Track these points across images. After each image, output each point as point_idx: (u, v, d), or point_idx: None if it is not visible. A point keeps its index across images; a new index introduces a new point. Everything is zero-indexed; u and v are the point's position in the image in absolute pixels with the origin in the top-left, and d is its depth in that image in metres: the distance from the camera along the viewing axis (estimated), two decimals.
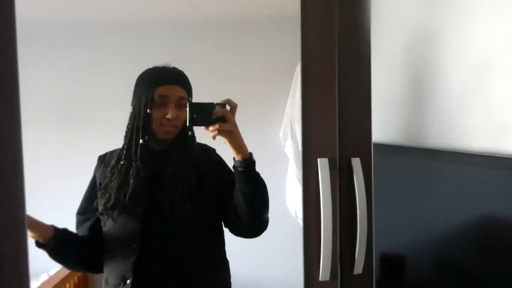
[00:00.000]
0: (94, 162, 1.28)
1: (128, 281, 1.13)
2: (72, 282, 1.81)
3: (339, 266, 0.86)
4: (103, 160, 1.24)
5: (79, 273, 1.87)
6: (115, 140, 1.26)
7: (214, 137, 1.09)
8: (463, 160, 1.22)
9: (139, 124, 1.15)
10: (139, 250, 1.13)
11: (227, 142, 1.09)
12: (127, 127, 1.18)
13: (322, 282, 0.85)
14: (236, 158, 1.10)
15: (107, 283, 1.19)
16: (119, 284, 1.15)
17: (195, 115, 1.08)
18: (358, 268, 0.85)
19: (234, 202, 1.14)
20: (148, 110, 1.14)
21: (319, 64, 0.85)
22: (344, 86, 0.86)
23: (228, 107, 1.11)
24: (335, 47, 0.85)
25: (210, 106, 1.10)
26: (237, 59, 1.93)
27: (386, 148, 1.58)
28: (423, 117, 1.49)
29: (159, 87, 1.15)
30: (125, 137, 1.18)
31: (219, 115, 1.08)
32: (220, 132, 1.07)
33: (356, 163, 0.85)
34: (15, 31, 0.73)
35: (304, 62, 0.86)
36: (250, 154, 1.11)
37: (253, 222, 1.15)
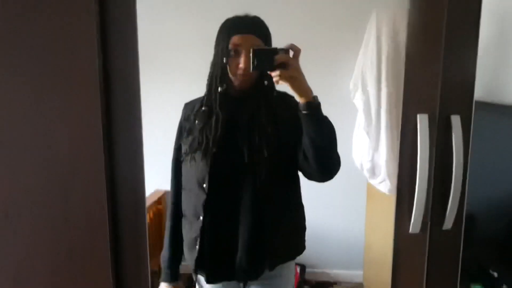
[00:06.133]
0: (174, 108, 1.34)
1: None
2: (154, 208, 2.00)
3: (429, 220, 0.87)
4: (187, 106, 1.30)
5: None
6: (194, 87, 1.30)
7: (276, 82, 1.09)
8: None
9: (217, 73, 1.18)
10: (209, 189, 1.19)
11: (289, 87, 1.09)
12: (209, 75, 1.22)
13: (411, 234, 0.87)
14: (300, 102, 1.10)
15: (184, 215, 1.28)
16: (196, 219, 1.22)
17: (256, 61, 1.08)
18: (448, 224, 0.86)
19: (303, 145, 1.15)
20: (224, 60, 1.16)
21: (426, 17, 0.82)
22: (451, 40, 0.82)
23: (291, 52, 1.10)
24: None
25: (272, 51, 1.09)
26: (310, 4, 1.88)
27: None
28: (505, 73, 1.42)
29: (234, 36, 1.15)
30: (207, 84, 1.22)
31: (280, 61, 1.07)
32: (281, 77, 1.07)
33: (455, 120, 0.84)
34: None
35: (410, 14, 0.83)
36: (314, 97, 1.10)
37: (321, 164, 1.16)
